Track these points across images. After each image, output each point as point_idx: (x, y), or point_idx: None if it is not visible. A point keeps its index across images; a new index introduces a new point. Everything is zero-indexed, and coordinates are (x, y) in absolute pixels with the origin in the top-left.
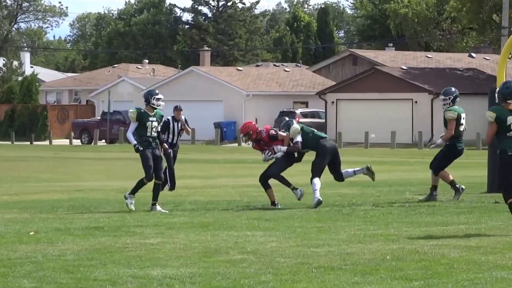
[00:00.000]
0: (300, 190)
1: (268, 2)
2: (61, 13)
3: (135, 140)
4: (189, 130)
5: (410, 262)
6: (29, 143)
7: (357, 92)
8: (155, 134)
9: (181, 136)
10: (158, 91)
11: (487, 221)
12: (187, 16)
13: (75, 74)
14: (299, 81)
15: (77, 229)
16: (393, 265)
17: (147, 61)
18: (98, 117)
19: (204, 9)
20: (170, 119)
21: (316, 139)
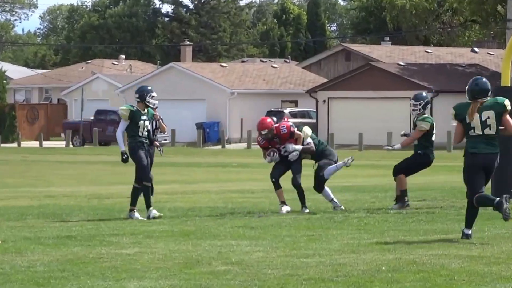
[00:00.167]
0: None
1: None
2: (31, 4)
3: (124, 145)
4: (165, 127)
5: (407, 274)
6: None
7: (350, 90)
8: (146, 133)
9: (156, 135)
10: (151, 88)
11: (490, 229)
12: (166, 8)
13: (46, 71)
14: (288, 78)
15: (48, 238)
16: (389, 277)
17: (123, 56)
18: (91, 117)
19: (186, 0)
20: None
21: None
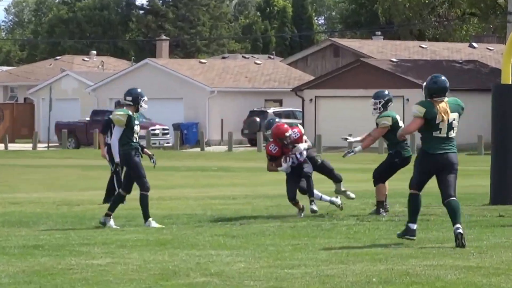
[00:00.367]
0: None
1: None
2: None
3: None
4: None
5: (400, 285)
6: None
7: (339, 88)
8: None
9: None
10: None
11: (489, 238)
12: (141, 0)
13: (11, 68)
14: (272, 75)
15: (13, 247)
16: None
17: (95, 52)
18: (87, 118)
19: None
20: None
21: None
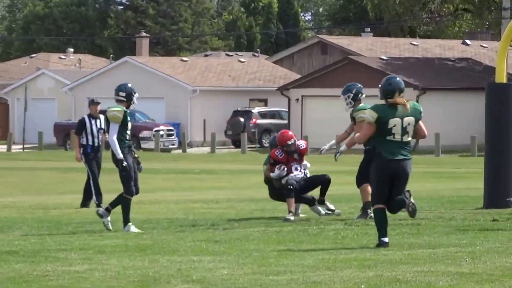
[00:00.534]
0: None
1: None
2: None
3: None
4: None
5: None
6: None
7: (326, 87)
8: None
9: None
10: None
11: (482, 243)
12: None
13: None
14: (256, 74)
15: None
16: None
17: (72, 50)
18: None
19: None
20: (85, 117)
21: None
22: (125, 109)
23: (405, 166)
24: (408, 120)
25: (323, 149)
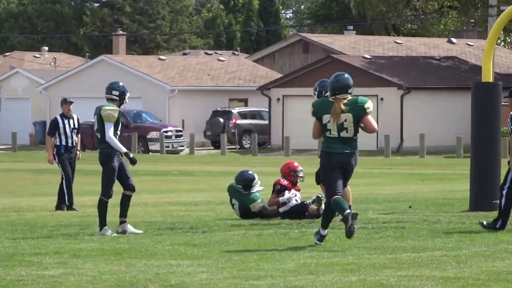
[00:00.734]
0: None
1: None
2: None
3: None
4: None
5: None
6: None
7: (308, 86)
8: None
9: (75, 137)
10: None
11: (468, 247)
12: None
13: None
14: (236, 73)
15: None
16: None
17: (46, 48)
18: (92, 120)
19: None
20: (58, 117)
21: None
22: (119, 108)
23: (346, 159)
24: (345, 116)
25: None
